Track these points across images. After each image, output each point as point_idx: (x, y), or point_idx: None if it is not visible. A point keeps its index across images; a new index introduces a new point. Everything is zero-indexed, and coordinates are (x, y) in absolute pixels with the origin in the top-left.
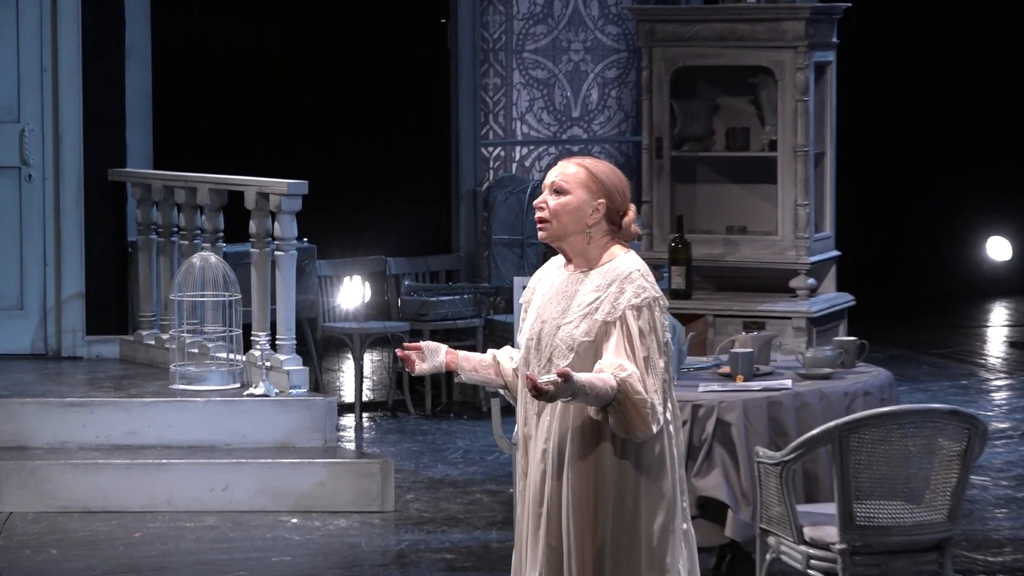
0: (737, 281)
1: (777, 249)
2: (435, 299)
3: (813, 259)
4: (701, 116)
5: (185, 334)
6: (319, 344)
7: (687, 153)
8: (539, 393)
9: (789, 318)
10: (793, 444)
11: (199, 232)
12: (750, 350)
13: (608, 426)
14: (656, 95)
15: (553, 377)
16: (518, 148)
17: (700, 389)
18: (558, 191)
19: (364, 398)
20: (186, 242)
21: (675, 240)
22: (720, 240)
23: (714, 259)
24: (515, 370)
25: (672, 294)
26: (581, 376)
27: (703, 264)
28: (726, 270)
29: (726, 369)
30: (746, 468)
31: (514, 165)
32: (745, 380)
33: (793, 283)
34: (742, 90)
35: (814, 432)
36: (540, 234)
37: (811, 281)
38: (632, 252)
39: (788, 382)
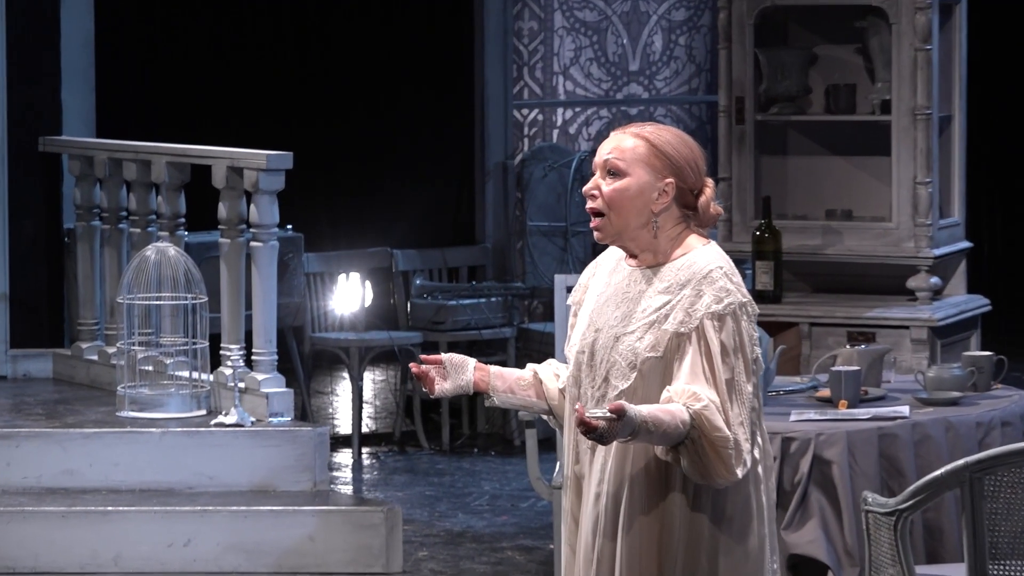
0: (840, 280)
1: (891, 239)
2: (454, 303)
3: (937, 252)
4: (794, 70)
5: (136, 347)
6: (307, 360)
7: (776, 117)
8: (588, 430)
9: (906, 327)
10: (911, 488)
11: (154, 217)
12: (856, 368)
13: (678, 468)
14: (737, 43)
15: (606, 412)
16: (560, 111)
17: (792, 418)
18: (613, 172)
19: (364, 429)
20: (138, 230)
21: (761, 228)
22: (818, 228)
23: (810, 252)
24: (563, 391)
25: (757, 297)
26: (642, 410)
27: (796, 259)
28: (826, 266)
29: (826, 392)
30: (851, 519)
31: (555, 132)
32: (850, 407)
33: (912, 283)
34: (846, 37)
35: (938, 473)
36: (596, 235)
37: (935, 280)
38: (713, 244)
39: (905, 409)
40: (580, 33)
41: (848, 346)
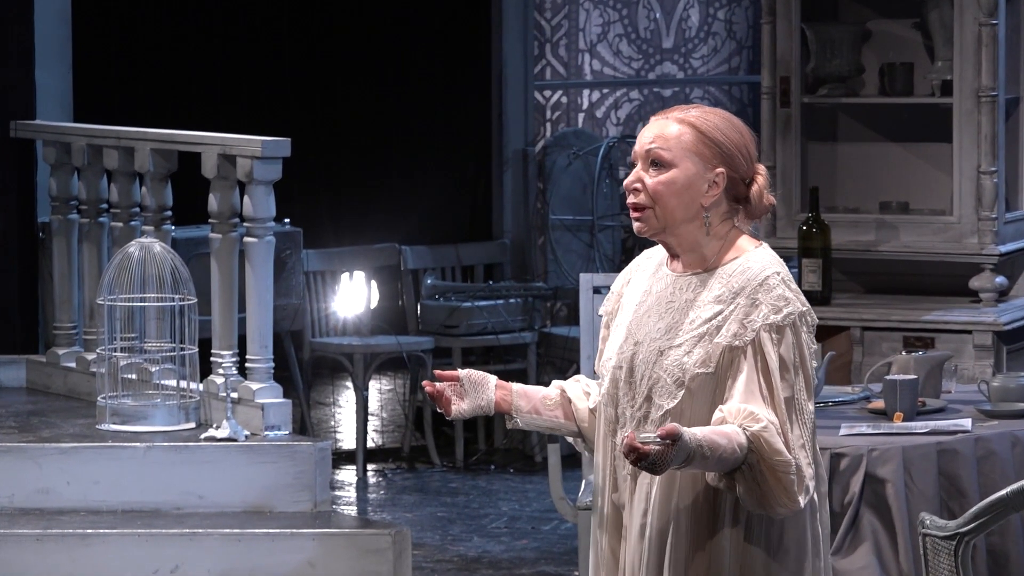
0: (895, 280)
1: (952, 235)
2: (469, 304)
3: (1003, 249)
4: (845, 47)
5: (119, 353)
6: (306, 368)
7: (825, 99)
8: (639, 458)
9: (969, 332)
10: (974, 510)
11: (138, 210)
12: (913, 377)
13: (729, 496)
14: (782, 17)
15: (656, 438)
16: (586, 92)
17: (843, 432)
18: (657, 163)
19: (369, 443)
20: (120, 224)
21: (808, 222)
22: (871, 222)
23: (863, 249)
24: (594, 411)
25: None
26: (697, 433)
27: (847, 256)
28: (879, 264)
29: (879, 404)
30: (906, 543)
31: (581, 116)
32: (906, 419)
33: (975, 283)
34: (903, 10)
35: (1003, 493)
36: (637, 226)
37: (1000, 280)
38: (765, 246)
39: (967, 422)
40: (608, 6)
41: (904, 352)
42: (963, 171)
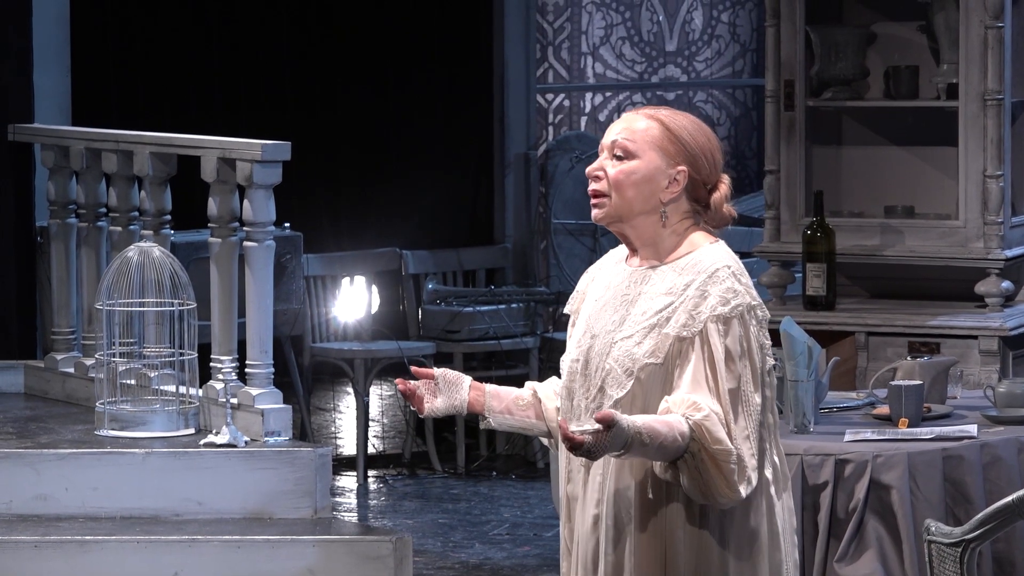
0: (900, 285)
1: (958, 239)
2: (470, 309)
3: (1009, 253)
4: (850, 50)
5: (117, 359)
6: (307, 373)
7: (829, 102)
8: (574, 446)
9: (975, 337)
10: (979, 516)
11: (137, 214)
12: (918, 383)
13: (680, 489)
14: (786, 20)
15: (591, 426)
16: (589, 95)
17: (847, 438)
18: (621, 155)
19: (370, 449)
20: (119, 228)
21: (812, 227)
22: (876, 226)
23: (867, 253)
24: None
25: (808, 303)
26: (636, 420)
27: (852, 260)
28: (884, 269)
29: (884, 410)
30: (911, 550)
31: (583, 119)
32: (911, 425)
33: (981, 287)
34: (908, 13)
35: (1009, 499)
36: (594, 212)
37: (1006, 285)
38: (721, 243)
39: (973, 428)
40: (611, 9)
41: (909, 358)
42: (969, 175)
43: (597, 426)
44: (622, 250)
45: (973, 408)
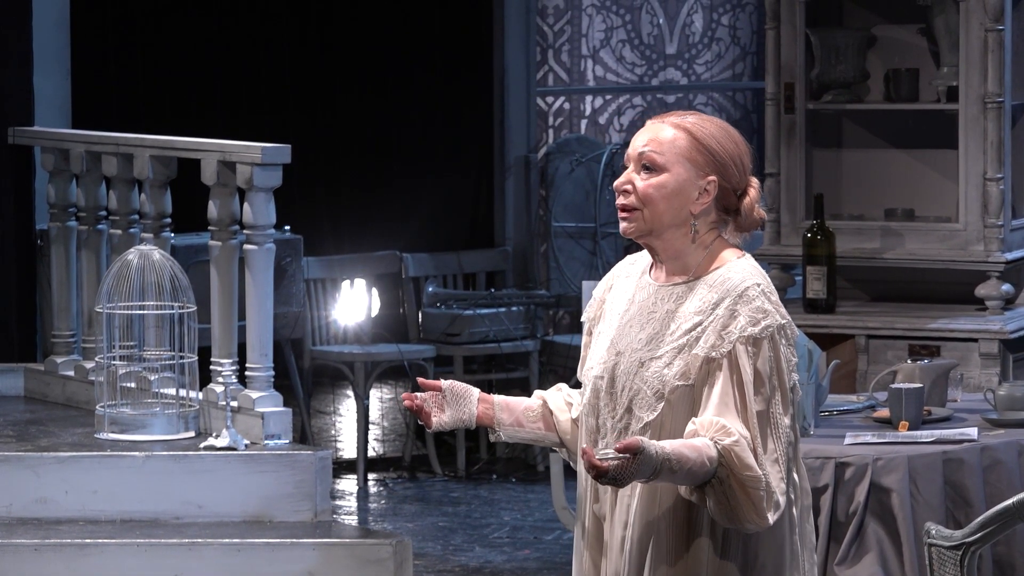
0: (900, 288)
1: (958, 242)
2: (471, 312)
3: (1010, 256)
4: (850, 53)
5: (117, 362)
6: (307, 376)
7: (830, 105)
8: (600, 474)
9: (975, 340)
10: (980, 519)
11: (137, 217)
12: (918, 386)
13: (706, 510)
14: (786, 23)
15: (613, 454)
16: (589, 98)
17: (847, 441)
18: (649, 167)
19: (370, 452)
20: (119, 231)
21: (812, 229)
22: (876, 229)
23: (868, 256)
24: (576, 421)
25: (808, 306)
26: (664, 446)
27: (852, 263)
28: (884, 272)
29: (884, 413)
30: (912, 553)
31: (583, 122)
32: (911, 428)
33: (981, 290)
34: (908, 16)
35: (1010, 502)
36: (623, 226)
37: (1006, 288)
38: (748, 257)
39: (973, 431)
40: (611, 12)
41: (909, 361)
42: (969, 178)
43: (623, 454)
44: (642, 258)
45: (973, 411)
